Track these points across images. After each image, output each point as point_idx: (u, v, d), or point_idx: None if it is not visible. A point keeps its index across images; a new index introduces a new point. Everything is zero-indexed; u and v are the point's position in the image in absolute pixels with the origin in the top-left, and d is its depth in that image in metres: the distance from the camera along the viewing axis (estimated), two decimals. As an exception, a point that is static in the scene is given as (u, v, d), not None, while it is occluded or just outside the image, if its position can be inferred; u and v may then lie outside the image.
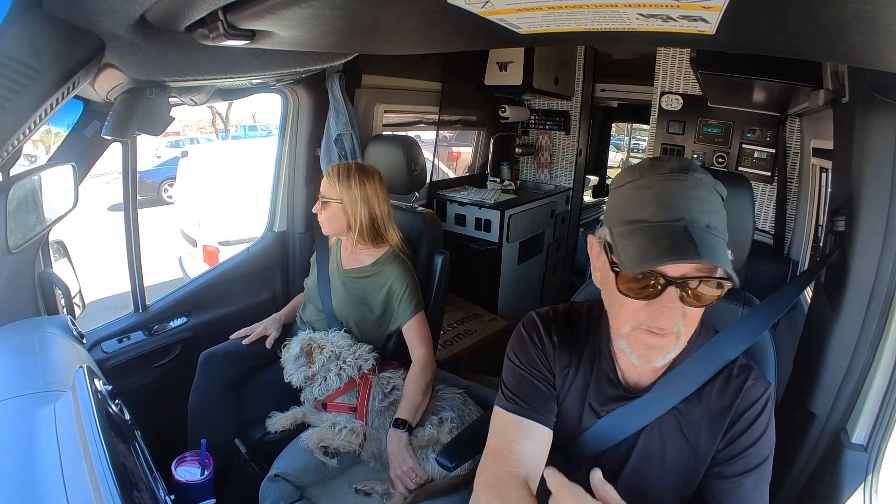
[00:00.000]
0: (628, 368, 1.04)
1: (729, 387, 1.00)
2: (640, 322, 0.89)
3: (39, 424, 0.98)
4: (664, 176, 0.87)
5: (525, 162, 4.34)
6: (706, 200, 0.86)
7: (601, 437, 1.05)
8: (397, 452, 1.63)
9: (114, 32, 0.91)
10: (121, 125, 1.36)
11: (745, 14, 0.67)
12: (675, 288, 0.84)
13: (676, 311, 0.86)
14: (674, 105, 3.20)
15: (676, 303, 0.85)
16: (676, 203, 0.84)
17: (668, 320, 0.87)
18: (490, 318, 3.37)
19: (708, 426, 1.00)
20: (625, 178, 0.92)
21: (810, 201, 2.47)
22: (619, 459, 1.05)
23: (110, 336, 1.96)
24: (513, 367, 1.09)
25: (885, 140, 1.12)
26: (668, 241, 0.81)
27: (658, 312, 0.87)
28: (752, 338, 1.08)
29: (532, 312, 1.14)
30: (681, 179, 0.86)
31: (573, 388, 1.08)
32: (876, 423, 1.20)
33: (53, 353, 1.29)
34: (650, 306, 0.87)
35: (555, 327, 1.09)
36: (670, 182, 0.86)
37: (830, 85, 1.47)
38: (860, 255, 1.19)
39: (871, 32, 0.64)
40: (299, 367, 1.78)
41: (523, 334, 1.11)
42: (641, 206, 0.87)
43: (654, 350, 0.91)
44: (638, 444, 1.04)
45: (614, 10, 0.69)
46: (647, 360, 0.93)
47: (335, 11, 0.86)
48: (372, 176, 1.92)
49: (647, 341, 0.90)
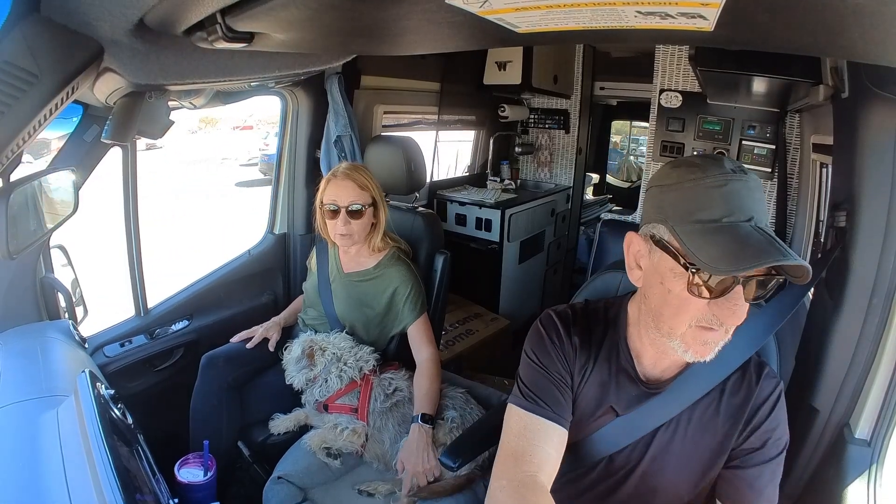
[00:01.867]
0: (650, 365, 1.04)
1: (744, 383, 1.02)
2: (701, 320, 0.89)
3: (42, 429, 0.99)
4: (728, 176, 0.87)
5: (525, 161, 4.34)
6: (762, 200, 0.88)
7: (617, 437, 1.06)
8: (423, 448, 1.61)
9: (112, 37, 0.91)
10: (120, 129, 1.36)
11: (744, 10, 0.66)
12: (741, 286, 0.85)
13: (743, 309, 0.87)
14: (673, 102, 3.20)
15: (742, 300, 0.86)
16: (746, 204, 0.86)
17: (738, 318, 0.87)
18: (491, 318, 3.37)
19: (725, 421, 1.02)
20: (685, 176, 0.91)
21: (811, 197, 2.47)
22: (633, 458, 1.06)
23: (112, 340, 1.96)
24: (531, 366, 1.08)
25: (886, 135, 1.12)
26: (755, 242, 0.82)
27: (725, 310, 0.87)
28: (766, 334, 1.09)
29: (549, 310, 1.12)
30: (744, 180, 0.87)
31: (590, 387, 1.08)
32: (879, 418, 1.21)
33: (56, 358, 1.29)
34: (715, 304, 0.87)
35: (574, 327, 1.08)
36: (737, 182, 0.87)
37: (830, 80, 1.47)
38: (861, 251, 1.19)
39: (871, 27, 0.64)
40: (301, 370, 1.78)
41: (542, 333, 1.09)
42: (712, 206, 0.87)
43: (709, 345, 0.91)
44: (654, 443, 1.05)
45: (612, 8, 0.69)
46: (702, 356, 0.92)
47: (333, 13, 0.86)
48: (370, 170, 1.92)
49: (703, 337, 0.90)
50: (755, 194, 0.87)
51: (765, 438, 0.99)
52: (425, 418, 1.66)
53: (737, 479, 1.01)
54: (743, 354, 1.03)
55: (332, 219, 1.83)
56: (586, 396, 1.08)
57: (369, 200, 1.84)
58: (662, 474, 1.05)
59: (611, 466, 1.09)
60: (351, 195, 1.80)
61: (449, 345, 3.00)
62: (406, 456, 1.62)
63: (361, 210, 1.81)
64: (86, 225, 1.47)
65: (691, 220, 0.88)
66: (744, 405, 1.01)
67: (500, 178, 4.01)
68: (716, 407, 1.02)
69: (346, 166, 1.88)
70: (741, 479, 1.00)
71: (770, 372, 1.04)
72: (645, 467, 1.05)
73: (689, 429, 1.03)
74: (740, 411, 1.01)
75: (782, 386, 1.03)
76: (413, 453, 1.61)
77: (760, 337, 1.07)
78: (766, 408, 1.00)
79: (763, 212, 0.87)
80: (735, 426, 1.01)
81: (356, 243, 1.88)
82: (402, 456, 1.64)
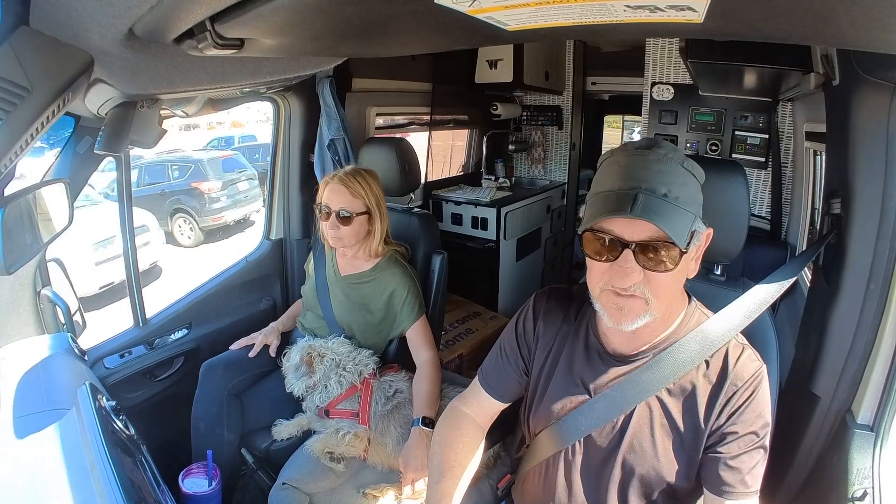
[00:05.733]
0: (619, 342, 1.10)
1: (723, 365, 1.04)
2: (606, 283, 0.97)
3: (45, 443, 0.98)
4: (630, 153, 0.97)
5: (519, 158, 4.34)
6: (668, 172, 0.93)
7: (593, 415, 1.09)
8: (424, 450, 1.60)
9: (102, 48, 0.91)
10: (113, 140, 1.36)
11: (733, 1, 0.67)
12: (631, 251, 0.92)
13: (633, 273, 0.93)
14: (665, 95, 3.21)
15: (632, 264, 0.93)
16: (635, 174, 0.94)
17: (625, 280, 0.94)
18: (491, 317, 3.37)
19: (703, 403, 1.03)
20: (604, 158, 1.02)
21: (805, 185, 2.48)
22: (612, 441, 1.09)
23: (112, 352, 1.96)
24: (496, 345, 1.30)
25: (878, 121, 1.12)
26: (614, 203, 0.92)
27: (617, 273, 0.95)
28: (747, 319, 1.09)
29: (545, 289, 1.26)
30: (644, 155, 0.95)
31: (560, 364, 1.15)
32: (881, 403, 1.21)
33: (56, 372, 1.29)
34: (612, 269, 0.95)
35: (544, 307, 1.21)
36: (634, 157, 0.96)
37: (821, 68, 1.47)
38: (857, 237, 1.20)
39: (860, 14, 0.64)
40: (300, 377, 1.77)
41: (517, 316, 1.26)
42: (607, 179, 0.97)
43: (623, 311, 0.98)
44: (631, 422, 1.07)
45: (602, 3, 0.69)
46: (618, 323, 0.99)
47: (323, 16, 0.86)
48: (375, 177, 1.91)
49: (616, 302, 0.98)
50: (653, 167, 0.93)
51: (744, 421, 1.00)
52: (426, 421, 1.66)
53: (715, 462, 1.02)
54: (723, 337, 1.05)
55: (324, 220, 1.86)
56: (557, 374, 1.15)
57: (361, 209, 1.83)
58: (643, 457, 1.07)
59: (590, 448, 1.11)
60: (342, 201, 1.81)
61: (449, 344, 3.00)
62: (406, 459, 1.63)
63: (350, 217, 1.82)
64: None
65: (594, 193, 0.99)
66: (721, 386, 1.02)
67: (495, 176, 4.01)
68: (694, 390, 1.04)
69: (348, 171, 1.87)
70: (719, 462, 1.01)
71: (752, 355, 1.05)
72: (625, 449, 1.08)
73: (667, 413, 1.06)
74: (718, 393, 1.02)
75: (765, 369, 1.03)
76: (413, 456, 1.61)
77: (741, 322, 1.08)
78: (746, 390, 1.01)
79: (661, 182, 0.92)
80: (712, 408, 1.02)
81: (348, 246, 1.89)
82: (403, 459, 1.64)
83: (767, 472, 1.03)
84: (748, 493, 1.00)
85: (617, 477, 1.09)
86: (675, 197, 0.92)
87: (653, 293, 0.95)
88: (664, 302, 0.98)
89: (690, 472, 1.06)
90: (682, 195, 0.93)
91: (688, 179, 0.95)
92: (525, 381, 1.23)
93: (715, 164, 1.13)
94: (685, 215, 0.93)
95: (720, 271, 1.30)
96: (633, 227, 0.92)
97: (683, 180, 0.94)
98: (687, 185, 0.95)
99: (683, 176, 0.95)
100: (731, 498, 1.00)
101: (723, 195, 1.16)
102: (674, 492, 1.08)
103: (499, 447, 1.62)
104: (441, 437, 1.24)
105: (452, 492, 1.13)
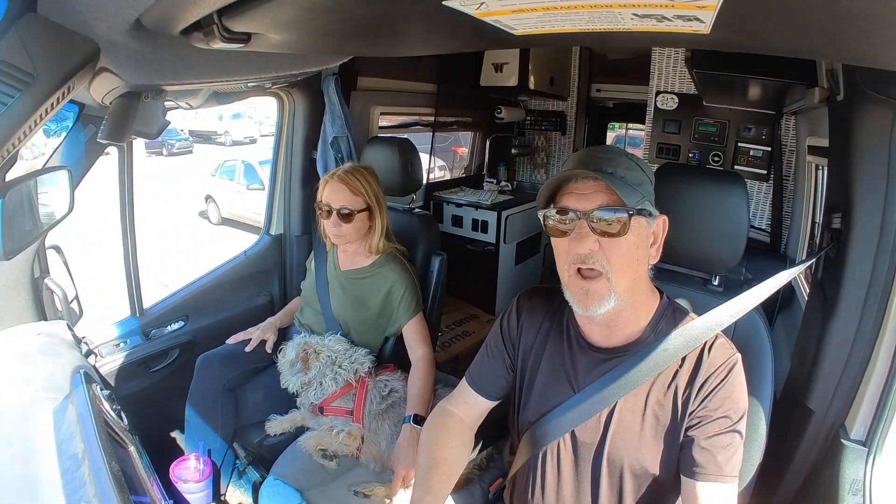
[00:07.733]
0: (589, 330, 1.14)
1: (699, 354, 1.07)
2: (570, 262, 1.02)
3: (38, 429, 0.98)
4: (588, 149, 1.09)
5: (521, 163, 4.34)
6: (613, 160, 1.03)
7: (578, 409, 1.10)
8: (415, 449, 1.58)
9: (109, 37, 0.91)
10: (116, 129, 1.36)
11: (740, 13, 0.67)
12: (585, 221, 0.99)
13: (588, 238, 0.99)
14: (669, 104, 3.21)
15: (587, 230, 0.99)
16: (587, 159, 1.03)
17: (582, 245, 0.99)
18: (488, 320, 3.38)
19: (682, 394, 1.05)
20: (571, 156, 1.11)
21: (806, 199, 2.48)
22: (598, 436, 1.10)
23: (108, 341, 1.96)
24: (483, 346, 1.31)
25: (881, 137, 1.12)
26: (566, 175, 1.01)
27: (575, 241, 1.00)
28: (732, 317, 1.10)
29: (528, 289, 1.30)
30: (598, 149, 1.07)
31: (544, 359, 1.19)
32: (874, 419, 1.21)
33: (51, 359, 1.29)
34: (571, 242, 1.01)
35: (527, 305, 1.25)
36: (583, 152, 1.08)
37: (826, 83, 1.48)
38: (856, 252, 1.20)
39: (866, 30, 0.64)
40: (295, 374, 1.77)
41: (502, 316, 1.29)
42: (566, 166, 1.07)
43: (589, 294, 1.01)
44: (614, 419, 1.09)
45: (609, 10, 0.69)
46: (585, 308, 1.03)
47: (330, 14, 0.86)
48: (374, 174, 1.92)
49: (582, 286, 1.02)
50: (604, 156, 1.03)
51: (716, 404, 1.02)
52: (417, 419, 1.66)
53: (689, 444, 1.03)
54: (705, 333, 1.07)
55: (325, 218, 1.87)
56: (542, 370, 1.18)
57: (362, 206, 1.84)
58: (628, 450, 1.08)
59: (576, 445, 1.13)
60: (342, 199, 1.82)
61: (445, 346, 3.00)
62: (397, 457, 1.62)
63: (351, 214, 1.83)
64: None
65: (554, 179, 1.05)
66: (697, 373, 1.05)
67: (497, 179, 4.01)
68: (672, 380, 1.06)
69: (347, 169, 1.88)
70: (692, 444, 1.02)
71: (725, 343, 1.08)
72: (610, 443, 1.09)
73: (648, 402, 1.07)
74: (694, 379, 1.04)
75: (738, 357, 1.06)
76: (404, 453, 1.61)
77: (726, 320, 1.09)
78: (719, 375, 1.03)
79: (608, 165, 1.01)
80: (689, 395, 1.04)
81: (350, 242, 1.90)
82: (394, 457, 1.63)
83: (759, 484, 1.04)
84: (721, 476, 1.00)
85: (605, 472, 1.10)
86: (622, 177, 1.00)
87: (611, 265, 0.99)
88: (623, 277, 1.01)
89: (675, 463, 1.07)
90: (628, 176, 1.01)
91: (633, 166, 1.04)
92: (511, 378, 1.25)
93: (715, 174, 1.13)
94: (632, 190, 0.99)
95: (718, 282, 1.31)
96: (585, 201, 0.99)
97: (628, 165, 1.03)
98: (632, 170, 1.03)
99: (628, 163, 1.03)
100: (703, 479, 1.00)
101: (722, 205, 1.17)
102: (661, 484, 1.09)
103: (492, 449, 1.62)
104: (428, 435, 1.26)
105: (438, 487, 1.14)
